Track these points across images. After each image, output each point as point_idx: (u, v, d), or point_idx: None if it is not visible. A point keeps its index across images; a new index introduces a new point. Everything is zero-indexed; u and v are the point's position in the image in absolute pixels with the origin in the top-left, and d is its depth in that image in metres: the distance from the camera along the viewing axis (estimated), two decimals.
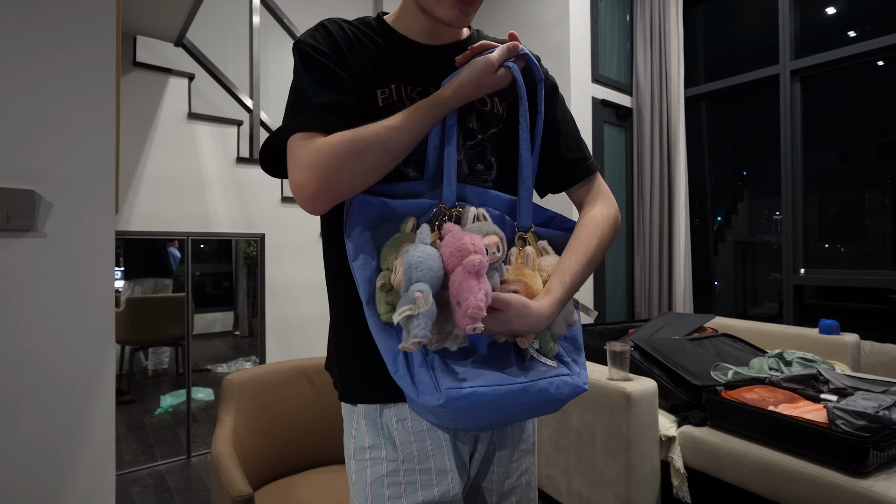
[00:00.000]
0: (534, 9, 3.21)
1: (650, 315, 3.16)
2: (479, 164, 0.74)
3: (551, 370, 0.65)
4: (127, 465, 2.21)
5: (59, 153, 1.15)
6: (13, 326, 1.09)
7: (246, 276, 2.88)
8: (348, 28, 0.72)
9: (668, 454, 1.62)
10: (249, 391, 1.42)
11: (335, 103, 0.65)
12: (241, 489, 1.04)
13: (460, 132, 0.72)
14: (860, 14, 2.67)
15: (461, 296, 0.55)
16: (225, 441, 1.25)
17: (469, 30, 0.80)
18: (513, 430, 0.78)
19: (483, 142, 0.74)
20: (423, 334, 0.54)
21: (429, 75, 0.72)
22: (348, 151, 0.60)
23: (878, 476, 1.24)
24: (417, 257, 0.57)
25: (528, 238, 0.71)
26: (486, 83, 0.67)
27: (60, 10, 1.15)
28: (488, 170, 0.75)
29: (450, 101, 0.66)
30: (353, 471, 0.70)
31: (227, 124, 2.57)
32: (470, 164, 0.73)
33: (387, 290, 0.61)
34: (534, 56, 0.74)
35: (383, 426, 0.69)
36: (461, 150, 0.72)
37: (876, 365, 2.19)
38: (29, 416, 1.11)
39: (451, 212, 0.66)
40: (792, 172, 2.82)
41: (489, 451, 0.76)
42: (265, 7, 2.66)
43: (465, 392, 0.57)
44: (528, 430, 0.81)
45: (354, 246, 0.64)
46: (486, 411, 0.61)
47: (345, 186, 0.61)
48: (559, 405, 0.67)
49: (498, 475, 0.76)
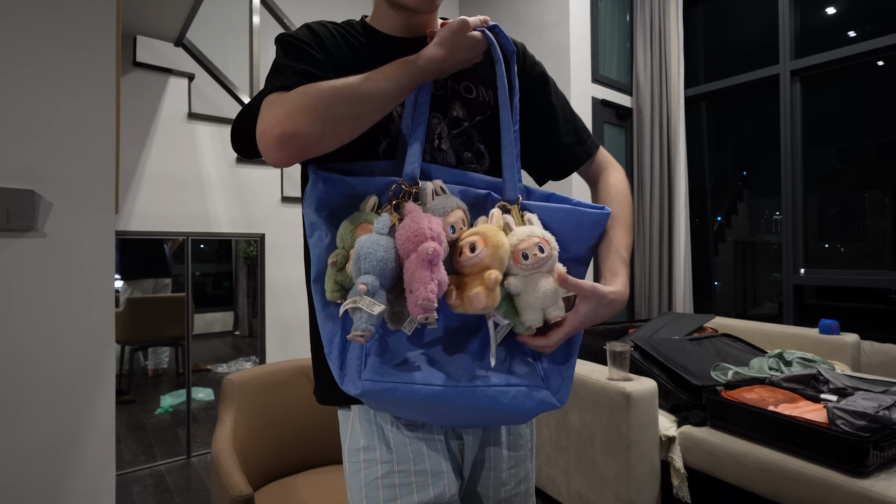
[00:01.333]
0: (534, 9, 3.21)
1: (650, 315, 3.16)
2: (467, 152, 0.73)
3: (512, 378, 0.61)
4: (127, 465, 2.21)
5: (59, 153, 1.15)
6: (13, 326, 1.09)
7: (246, 276, 2.88)
8: (333, 28, 0.72)
9: (668, 454, 1.62)
10: (249, 391, 1.42)
11: (311, 73, 0.62)
12: (241, 489, 1.04)
13: (445, 121, 0.71)
14: (860, 14, 2.67)
15: (413, 285, 0.54)
16: (225, 441, 1.25)
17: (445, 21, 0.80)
18: (508, 431, 0.76)
19: (469, 129, 0.73)
20: (366, 328, 0.53)
21: None
22: (316, 97, 0.57)
23: (878, 476, 1.24)
24: (367, 248, 0.55)
25: (513, 210, 0.66)
26: (461, 43, 0.66)
27: (61, 10, 1.15)
28: (478, 158, 0.74)
29: (425, 57, 0.63)
30: (348, 473, 0.69)
31: (227, 124, 2.57)
32: (457, 152, 0.72)
33: (338, 268, 0.59)
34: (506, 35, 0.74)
35: (378, 427, 0.68)
36: (446, 139, 0.71)
37: (876, 365, 2.19)
38: (29, 416, 1.11)
39: (410, 189, 0.63)
40: (792, 172, 2.82)
41: (481, 452, 0.74)
42: (265, 7, 2.66)
43: (383, 387, 0.55)
44: (526, 434, 0.78)
45: (309, 222, 0.61)
46: (427, 409, 0.59)
47: (313, 132, 0.56)
48: (522, 418, 0.64)
49: (494, 481, 0.74)
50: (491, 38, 0.70)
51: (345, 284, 0.59)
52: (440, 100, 0.72)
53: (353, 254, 0.56)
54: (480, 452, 0.74)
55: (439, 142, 0.71)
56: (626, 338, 2.05)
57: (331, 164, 0.63)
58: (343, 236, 0.60)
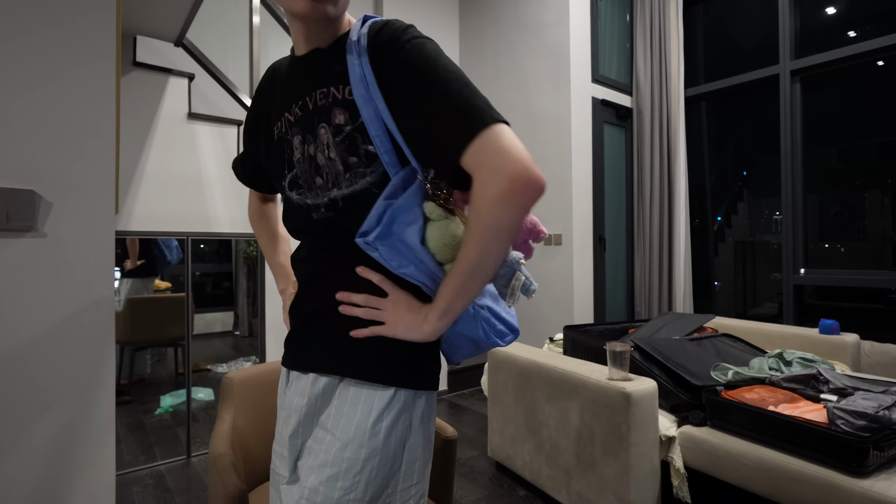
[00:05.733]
0: (534, 9, 3.21)
1: (650, 315, 3.16)
2: (352, 157, 0.69)
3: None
4: (127, 465, 2.21)
5: (59, 153, 1.15)
6: (13, 327, 1.09)
7: (246, 276, 2.87)
8: None
9: (668, 454, 1.62)
10: (249, 390, 1.42)
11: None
12: (236, 484, 1.04)
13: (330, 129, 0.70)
14: (860, 14, 2.67)
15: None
16: (223, 439, 1.25)
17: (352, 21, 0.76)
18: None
19: (352, 133, 0.69)
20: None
21: (302, 84, 0.74)
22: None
23: (878, 476, 1.24)
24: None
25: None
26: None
27: (60, 10, 1.15)
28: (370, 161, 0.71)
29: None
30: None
31: (227, 124, 2.57)
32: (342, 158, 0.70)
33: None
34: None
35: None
36: (333, 147, 0.70)
37: (876, 365, 2.19)
38: (29, 416, 1.11)
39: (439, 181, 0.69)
40: (792, 172, 2.82)
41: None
42: (265, 7, 2.66)
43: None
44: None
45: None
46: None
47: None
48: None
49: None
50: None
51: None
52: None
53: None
54: None
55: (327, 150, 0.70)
56: (626, 338, 2.05)
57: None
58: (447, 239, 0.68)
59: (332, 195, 0.70)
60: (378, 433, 0.67)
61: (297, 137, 0.74)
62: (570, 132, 3.01)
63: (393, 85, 0.66)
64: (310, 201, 0.73)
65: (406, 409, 0.70)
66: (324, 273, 0.74)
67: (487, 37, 3.56)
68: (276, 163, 0.79)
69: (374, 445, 0.67)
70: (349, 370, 0.70)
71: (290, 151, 0.75)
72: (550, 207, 3.11)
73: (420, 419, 0.71)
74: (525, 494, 1.96)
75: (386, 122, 0.67)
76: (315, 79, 0.72)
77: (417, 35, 0.67)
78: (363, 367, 0.70)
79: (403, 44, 0.65)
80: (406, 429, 0.70)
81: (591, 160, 3.13)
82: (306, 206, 0.74)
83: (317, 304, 0.74)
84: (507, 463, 2.06)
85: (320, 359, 0.72)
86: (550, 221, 3.11)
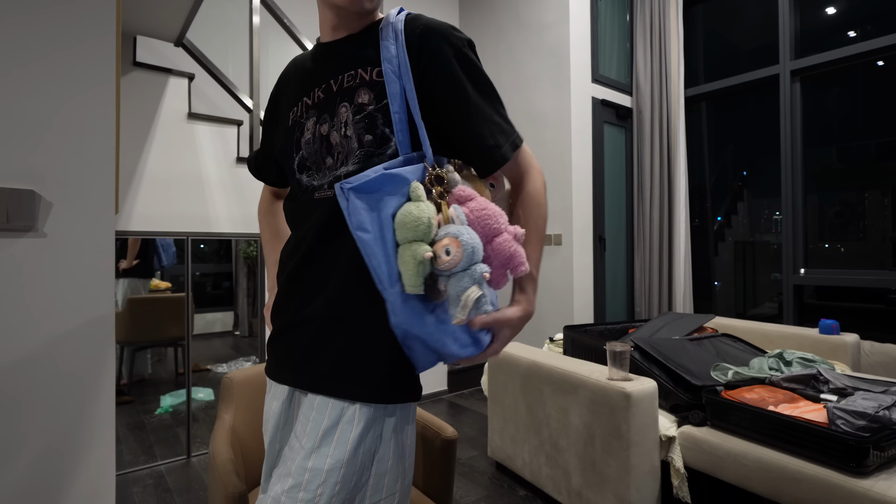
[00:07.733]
0: (534, 9, 3.21)
1: (650, 315, 3.16)
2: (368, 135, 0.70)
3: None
4: (127, 465, 2.21)
5: (59, 153, 1.15)
6: (13, 326, 1.09)
7: (246, 276, 2.87)
8: None
9: (668, 454, 1.62)
10: (249, 390, 1.42)
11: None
12: (236, 484, 1.04)
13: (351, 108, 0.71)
14: (860, 14, 2.67)
15: (515, 260, 0.68)
16: (223, 438, 1.25)
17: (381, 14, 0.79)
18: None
19: (374, 112, 0.70)
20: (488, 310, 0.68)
21: (326, 72, 0.75)
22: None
23: (878, 476, 1.24)
24: (475, 239, 0.64)
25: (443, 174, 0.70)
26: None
27: (60, 10, 1.15)
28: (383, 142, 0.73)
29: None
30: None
31: (227, 124, 2.57)
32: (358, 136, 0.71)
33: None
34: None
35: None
36: (351, 125, 0.70)
37: (876, 365, 2.19)
38: (29, 416, 1.11)
39: (443, 174, 0.68)
40: (792, 172, 2.82)
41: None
42: (265, 7, 2.66)
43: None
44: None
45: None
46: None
47: None
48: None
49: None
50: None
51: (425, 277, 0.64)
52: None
53: (464, 244, 0.61)
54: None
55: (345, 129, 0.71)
56: (626, 338, 2.05)
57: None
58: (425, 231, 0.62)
59: (339, 173, 0.70)
60: (344, 443, 0.64)
61: (311, 119, 0.74)
62: (570, 132, 3.01)
63: (436, 80, 0.69)
64: (315, 182, 0.73)
65: (377, 420, 0.67)
66: (308, 274, 0.73)
67: (487, 37, 3.56)
68: (286, 147, 0.79)
69: (339, 456, 0.63)
70: (316, 384, 0.69)
71: (300, 133, 0.76)
72: (550, 207, 3.11)
73: (392, 430, 0.68)
74: (525, 494, 1.96)
75: (409, 101, 0.68)
76: (343, 63, 0.73)
77: (466, 38, 0.73)
78: (329, 381, 0.68)
79: (454, 42, 0.70)
80: (376, 440, 0.66)
81: (591, 160, 3.13)
82: (311, 187, 0.73)
83: (299, 302, 0.73)
84: (508, 463, 2.06)
85: (295, 370, 0.71)
86: (550, 221, 3.11)
